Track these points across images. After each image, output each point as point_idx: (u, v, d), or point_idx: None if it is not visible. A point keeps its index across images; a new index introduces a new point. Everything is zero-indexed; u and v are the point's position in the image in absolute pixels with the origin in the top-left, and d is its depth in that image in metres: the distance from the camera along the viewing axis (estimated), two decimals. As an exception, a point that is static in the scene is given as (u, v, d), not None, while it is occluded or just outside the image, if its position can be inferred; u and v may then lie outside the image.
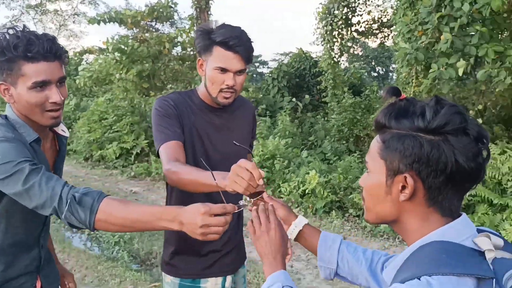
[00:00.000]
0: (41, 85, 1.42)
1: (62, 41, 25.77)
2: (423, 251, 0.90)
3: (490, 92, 7.82)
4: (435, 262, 0.85)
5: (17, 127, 1.49)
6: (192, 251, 1.88)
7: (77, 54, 17.63)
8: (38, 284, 1.66)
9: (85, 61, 17.74)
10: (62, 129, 1.68)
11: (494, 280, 0.81)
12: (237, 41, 1.70)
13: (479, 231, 0.93)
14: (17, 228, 1.55)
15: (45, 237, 1.69)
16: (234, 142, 1.60)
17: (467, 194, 0.99)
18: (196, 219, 1.22)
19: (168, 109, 1.79)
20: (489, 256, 0.85)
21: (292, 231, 1.38)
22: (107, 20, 11.97)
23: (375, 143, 0.99)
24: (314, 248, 1.36)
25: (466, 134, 0.88)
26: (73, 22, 26.71)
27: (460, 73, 5.43)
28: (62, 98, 1.48)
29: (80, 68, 12.12)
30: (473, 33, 5.41)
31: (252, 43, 1.77)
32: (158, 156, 1.76)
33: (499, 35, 6.35)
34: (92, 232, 5.67)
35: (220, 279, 1.92)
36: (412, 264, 0.89)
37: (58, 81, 1.47)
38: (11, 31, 1.41)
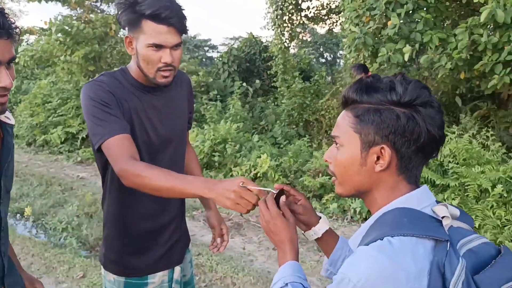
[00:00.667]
0: None
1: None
2: (385, 216, 0.95)
3: (432, 78, 8.17)
4: (396, 225, 0.90)
5: None
6: (139, 248, 1.75)
7: (16, 35, 16.67)
8: None
9: (26, 42, 16.87)
10: (6, 116, 1.41)
11: (448, 243, 0.86)
12: (169, 12, 1.48)
13: (438, 203, 0.99)
14: None
15: (5, 244, 1.48)
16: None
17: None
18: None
19: (105, 95, 1.54)
20: (446, 223, 0.91)
21: (311, 235, 1.32)
22: (48, -1, 11.46)
23: (346, 118, 1.02)
24: (328, 250, 1.33)
25: (432, 106, 0.94)
26: (12, 0, 25.27)
27: (406, 59, 5.63)
28: (12, 82, 1.27)
29: (20, 49, 11.51)
30: (418, 20, 5.62)
31: (184, 11, 1.55)
32: (98, 151, 1.54)
33: (442, 23, 6.62)
34: (37, 220, 5.48)
35: (167, 271, 1.81)
36: (375, 228, 0.94)
37: (8, 62, 1.24)
38: None
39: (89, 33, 10.38)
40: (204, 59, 26.46)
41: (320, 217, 1.33)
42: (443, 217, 0.92)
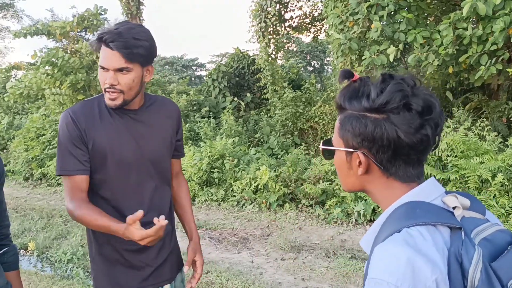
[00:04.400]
0: None
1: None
2: (397, 211, 0.96)
3: (421, 76, 8.24)
4: (410, 216, 0.91)
5: None
6: (125, 267, 1.81)
7: (4, 71, 16.69)
8: None
9: (14, 77, 16.87)
10: None
11: (463, 232, 0.87)
12: (116, 36, 1.57)
13: (447, 193, 0.99)
14: None
15: None
16: None
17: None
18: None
19: (72, 130, 1.68)
20: (457, 213, 0.92)
21: None
22: (33, 33, 11.49)
23: (337, 123, 1.05)
24: None
25: (409, 109, 0.92)
26: (-4, 38, 25.39)
27: (391, 59, 5.69)
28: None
29: (8, 85, 11.52)
30: (400, 20, 5.69)
31: (140, 41, 1.61)
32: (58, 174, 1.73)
33: (425, 21, 6.70)
34: (42, 253, 5.44)
35: None
36: (389, 223, 0.94)
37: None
38: None
39: (75, 62, 10.40)
40: (193, 78, 26.58)
41: None
42: (454, 208, 0.93)
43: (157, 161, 1.83)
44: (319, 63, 28.23)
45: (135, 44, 1.60)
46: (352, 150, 1.00)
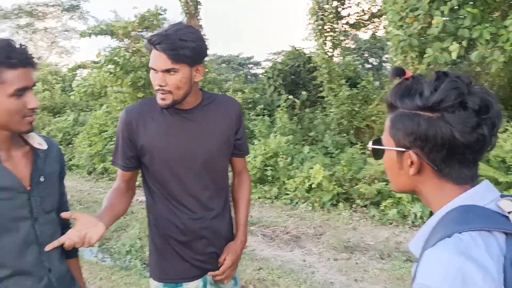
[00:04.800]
0: (22, 91, 1.38)
1: (54, 58, 25.80)
2: (449, 215, 0.92)
3: (485, 73, 7.86)
4: (463, 220, 0.87)
5: None
6: (174, 255, 1.87)
7: (70, 70, 17.57)
8: None
9: (79, 76, 17.72)
10: (38, 142, 1.55)
11: None
12: (163, 38, 1.62)
13: (503, 197, 0.94)
14: None
15: (48, 260, 1.53)
16: None
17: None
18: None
19: (123, 127, 1.82)
20: None
21: None
22: (97, 33, 12.01)
23: (387, 121, 1.03)
24: None
25: (464, 108, 0.89)
26: (64, 38, 26.75)
27: (454, 57, 5.47)
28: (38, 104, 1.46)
29: (74, 83, 12.12)
30: (465, 15, 5.45)
31: (186, 42, 1.63)
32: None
33: (490, 16, 6.39)
34: (102, 244, 5.69)
35: (201, 279, 1.89)
36: (440, 227, 0.91)
37: (31, 87, 1.43)
38: None
39: (135, 61, 10.75)
40: (249, 76, 26.77)
41: None
42: (510, 212, 0.88)
43: (208, 161, 1.84)
44: (377, 61, 27.51)
45: (181, 45, 1.63)
46: (403, 149, 0.98)
